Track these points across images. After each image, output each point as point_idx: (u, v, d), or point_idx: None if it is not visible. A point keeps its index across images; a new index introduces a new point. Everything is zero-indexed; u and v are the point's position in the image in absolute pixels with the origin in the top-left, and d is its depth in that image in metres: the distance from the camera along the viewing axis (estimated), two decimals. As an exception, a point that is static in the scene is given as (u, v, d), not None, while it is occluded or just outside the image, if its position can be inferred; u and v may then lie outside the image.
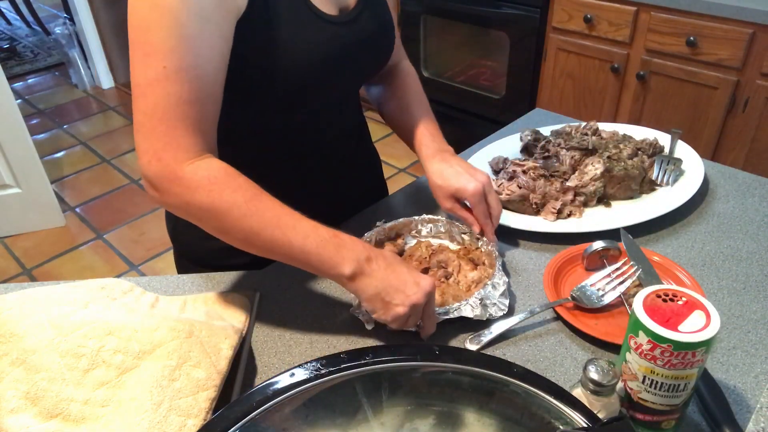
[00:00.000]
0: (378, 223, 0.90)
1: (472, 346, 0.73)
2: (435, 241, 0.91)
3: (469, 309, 0.74)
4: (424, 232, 0.92)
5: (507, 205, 0.97)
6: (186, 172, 0.64)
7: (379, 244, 0.89)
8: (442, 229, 0.92)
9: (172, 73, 0.63)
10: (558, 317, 0.77)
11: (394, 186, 1.07)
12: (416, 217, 0.92)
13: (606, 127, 1.13)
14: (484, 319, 0.75)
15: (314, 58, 0.77)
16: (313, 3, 0.76)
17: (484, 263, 0.84)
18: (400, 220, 0.91)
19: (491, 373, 0.55)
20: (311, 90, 0.81)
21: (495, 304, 0.76)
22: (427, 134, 0.92)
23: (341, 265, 0.65)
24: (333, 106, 0.91)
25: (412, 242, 0.91)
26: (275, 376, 0.55)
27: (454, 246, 0.90)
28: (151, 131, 0.64)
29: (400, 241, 0.90)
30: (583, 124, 1.12)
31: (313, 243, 0.65)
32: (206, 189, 0.64)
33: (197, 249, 1.00)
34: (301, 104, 0.83)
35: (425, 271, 0.84)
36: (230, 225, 0.65)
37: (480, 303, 0.74)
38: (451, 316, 0.74)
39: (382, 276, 0.66)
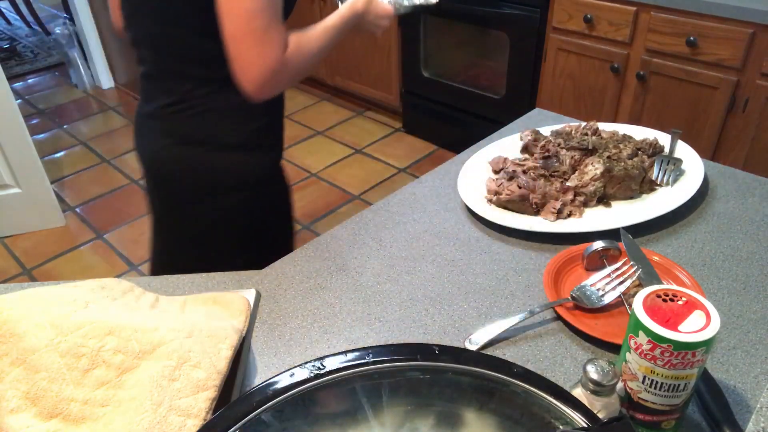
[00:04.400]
0: None
1: (472, 346, 0.73)
2: None
3: None
4: None
5: (507, 205, 0.97)
6: (285, 58, 0.88)
7: None
8: None
9: None
10: (558, 317, 0.78)
11: (394, 186, 1.07)
12: None
13: (606, 127, 1.13)
14: None
15: None
16: None
17: None
18: None
19: (491, 373, 0.55)
20: None
21: None
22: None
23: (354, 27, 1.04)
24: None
25: None
26: (275, 376, 0.55)
27: None
28: (254, 39, 0.85)
29: None
30: (583, 124, 1.12)
31: (337, 31, 0.99)
32: (297, 59, 0.90)
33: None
34: None
35: None
36: (318, 59, 0.96)
37: None
38: None
39: (368, 22, 1.07)
